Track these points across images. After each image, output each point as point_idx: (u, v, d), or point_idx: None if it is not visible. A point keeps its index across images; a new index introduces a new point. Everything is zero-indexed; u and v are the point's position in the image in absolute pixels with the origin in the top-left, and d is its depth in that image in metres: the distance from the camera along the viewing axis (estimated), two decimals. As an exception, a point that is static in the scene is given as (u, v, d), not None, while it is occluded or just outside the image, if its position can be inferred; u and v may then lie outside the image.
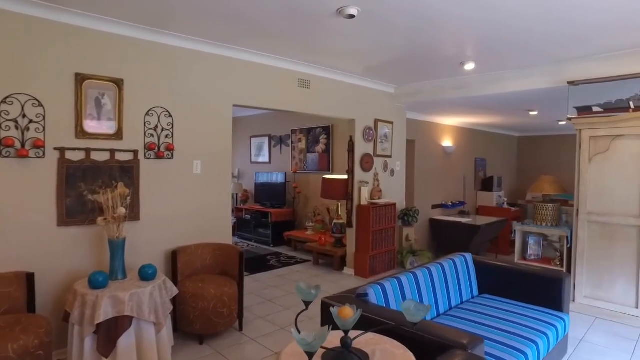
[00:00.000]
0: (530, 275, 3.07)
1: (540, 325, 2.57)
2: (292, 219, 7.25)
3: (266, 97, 4.31)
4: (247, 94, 4.14)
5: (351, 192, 5.41)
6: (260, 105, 4.28)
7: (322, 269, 5.66)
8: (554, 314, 2.76)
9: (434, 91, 5.37)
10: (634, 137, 3.72)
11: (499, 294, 3.16)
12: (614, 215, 3.82)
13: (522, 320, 2.62)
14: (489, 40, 3.62)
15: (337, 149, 6.74)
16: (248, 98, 4.15)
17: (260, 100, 4.26)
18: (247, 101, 4.15)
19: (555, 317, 2.72)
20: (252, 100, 4.20)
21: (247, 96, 4.13)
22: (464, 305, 2.93)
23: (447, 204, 7.81)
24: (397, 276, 2.65)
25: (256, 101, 4.23)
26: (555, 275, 2.94)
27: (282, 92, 4.45)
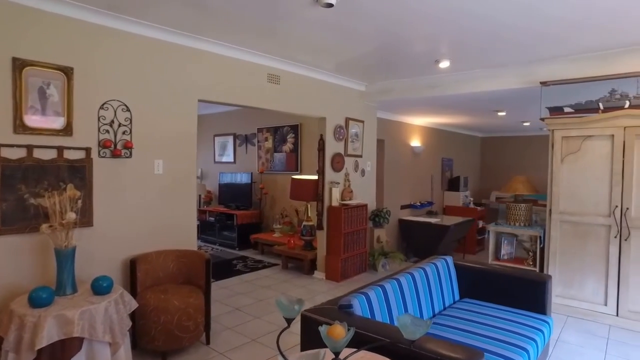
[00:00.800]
0: (511, 277, 3.00)
1: (528, 330, 2.48)
2: (259, 221, 6.97)
3: (234, 93, 4.03)
4: (214, 88, 3.84)
5: (322, 193, 5.21)
6: (227, 101, 4.00)
7: (291, 273, 5.43)
8: (538, 318, 2.69)
9: (405, 89, 5.28)
10: (604, 137, 3.76)
11: (479, 297, 3.07)
12: (585, 215, 3.86)
13: (509, 326, 2.52)
14: (465, 37, 3.55)
15: (306, 148, 6.53)
16: (214, 93, 3.86)
17: (227, 96, 3.98)
18: (213, 96, 3.85)
19: (540, 321, 2.64)
20: (219, 96, 3.91)
21: (213, 91, 3.84)
22: (447, 312, 2.80)
23: (416, 204, 7.80)
24: (380, 284, 2.47)
25: (223, 97, 3.94)
26: (537, 278, 2.88)
27: (250, 87, 4.19)
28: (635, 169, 3.63)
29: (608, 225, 3.75)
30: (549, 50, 3.87)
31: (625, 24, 3.23)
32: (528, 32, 3.42)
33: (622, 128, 3.67)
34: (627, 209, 3.65)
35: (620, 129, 3.67)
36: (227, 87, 3.96)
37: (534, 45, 3.73)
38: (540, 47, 3.77)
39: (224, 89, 3.93)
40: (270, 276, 5.30)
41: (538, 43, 3.66)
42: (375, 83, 5.55)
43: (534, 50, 3.86)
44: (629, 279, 3.67)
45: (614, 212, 3.71)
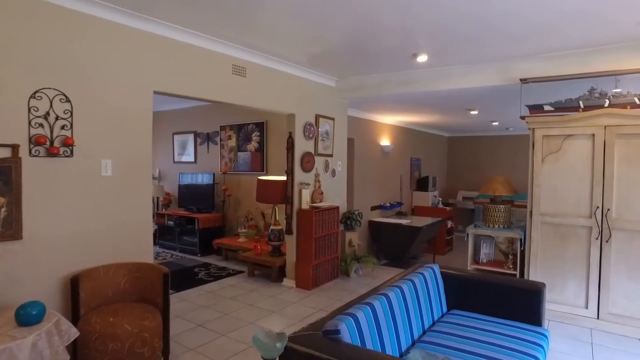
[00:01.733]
0: (502, 286, 2.79)
1: (528, 347, 2.26)
2: (222, 224, 6.51)
3: (195, 84, 3.60)
4: (173, 79, 3.41)
5: (291, 195, 4.87)
6: (188, 94, 3.56)
7: (258, 282, 5.05)
8: (535, 331, 2.49)
9: (378, 86, 5.03)
10: (584, 137, 3.67)
11: (468, 308, 2.85)
12: (567, 216, 3.75)
13: (507, 342, 2.29)
14: (444, 30, 3.36)
15: (272, 147, 6.16)
16: (173, 84, 3.42)
17: (187, 88, 3.54)
18: (172, 88, 3.41)
19: (539, 335, 2.44)
20: (179, 88, 3.47)
21: (172, 82, 3.41)
22: (438, 327, 2.54)
23: (386, 205, 7.61)
24: (368, 302, 2.16)
25: (183, 88, 3.51)
26: (531, 287, 2.69)
27: (213, 79, 3.78)
28: (616, 169, 3.54)
29: (589, 227, 3.66)
30: (529, 47, 3.73)
31: (602, 23, 3.15)
32: (508, 29, 3.29)
33: (602, 127, 3.58)
34: (608, 210, 3.56)
35: (601, 128, 3.58)
36: (187, 79, 3.53)
37: (514, 42, 3.59)
38: (520, 43, 3.63)
39: (183, 81, 3.50)
40: (235, 285, 4.89)
41: (518, 39, 3.53)
42: (346, 78, 5.26)
43: (514, 46, 3.71)
44: (610, 280, 3.59)
45: (595, 213, 3.62)
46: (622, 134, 3.51)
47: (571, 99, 3.81)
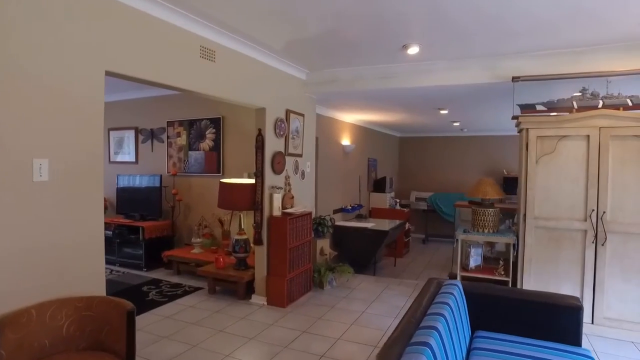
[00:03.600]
0: (533, 303, 2.50)
1: None
2: (172, 234, 5.71)
3: (158, 66, 2.92)
4: (129, 57, 2.70)
5: (260, 201, 4.29)
6: (147, 77, 2.86)
7: (222, 300, 4.39)
8: (580, 353, 2.21)
9: (354, 80, 4.63)
10: (579, 138, 3.55)
11: (494, 329, 2.53)
12: (561, 220, 3.62)
13: None
14: (438, 20, 3.10)
15: (230, 145, 5.51)
16: (131, 64, 2.72)
17: (149, 70, 2.85)
18: (129, 68, 2.71)
19: (584, 357, 2.17)
20: (138, 69, 2.77)
21: (129, 61, 2.70)
22: (476, 356, 2.18)
23: (347, 207, 7.27)
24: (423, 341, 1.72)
25: (143, 71, 2.81)
26: (568, 304, 2.42)
27: (179, 61, 3.11)
28: (611, 171, 3.47)
29: (584, 230, 3.55)
30: (520, 44, 3.56)
31: (596, 22, 3.06)
32: (502, 21, 3.08)
33: (597, 128, 3.48)
34: (603, 213, 3.48)
35: (596, 129, 3.48)
36: (148, 58, 2.84)
37: (506, 37, 3.40)
38: (512, 39, 3.44)
39: (144, 61, 2.80)
40: (197, 306, 4.19)
41: (510, 35, 3.35)
42: (318, 71, 4.79)
43: (505, 42, 3.53)
44: (604, 284, 3.51)
45: (590, 216, 3.52)
46: (616, 135, 3.44)
47: (563, 99, 3.69)
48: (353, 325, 3.79)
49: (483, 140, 9.31)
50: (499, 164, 9.16)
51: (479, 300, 2.60)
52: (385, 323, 3.84)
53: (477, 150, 9.40)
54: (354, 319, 3.92)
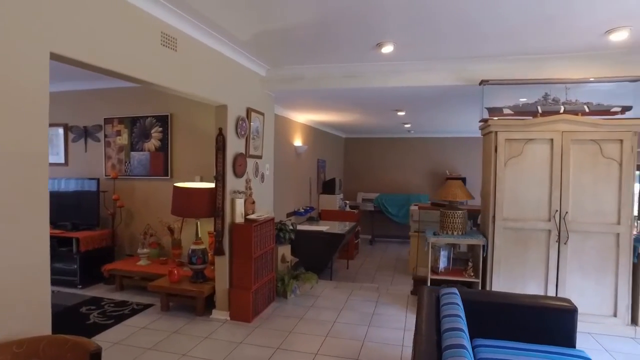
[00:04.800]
0: (529, 307, 2.49)
1: None
2: (111, 244, 5.07)
3: (113, 52, 2.48)
4: (79, 39, 2.25)
5: (221, 206, 3.92)
6: (100, 64, 2.41)
7: (179, 317, 3.95)
8: (578, 355, 2.22)
9: (319, 78, 4.44)
10: (544, 141, 3.69)
11: (491, 335, 2.48)
12: (527, 221, 3.74)
13: None
14: (412, 19, 3.02)
15: (179, 146, 5.03)
16: (80, 48, 2.26)
17: (101, 55, 2.41)
18: (79, 52, 2.25)
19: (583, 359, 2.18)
20: (88, 52, 2.32)
21: (78, 43, 2.25)
22: (486, 369, 2.09)
23: (300, 210, 7.05)
24: None
25: (94, 56, 2.36)
26: (564, 307, 2.44)
27: (138, 47, 2.69)
28: (572, 174, 3.64)
29: (548, 230, 3.70)
30: (489, 48, 3.61)
31: (557, 32, 3.20)
32: (475, 26, 3.11)
33: (560, 132, 3.64)
34: (566, 213, 3.64)
35: (559, 133, 3.64)
36: (102, 41, 2.40)
37: (477, 41, 3.43)
38: (482, 43, 3.48)
39: (97, 44, 2.36)
40: (150, 327, 3.72)
41: (481, 39, 3.38)
42: (279, 67, 4.52)
43: (476, 46, 3.55)
44: (566, 281, 3.69)
45: (554, 217, 3.67)
46: (576, 139, 3.62)
47: (528, 103, 3.81)
48: (328, 337, 3.59)
49: (428, 142, 9.61)
50: (442, 165, 9.52)
51: (473, 306, 2.53)
52: (359, 332, 3.69)
53: (422, 151, 9.69)
54: (327, 330, 3.73)
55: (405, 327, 3.83)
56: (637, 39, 3.29)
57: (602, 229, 3.61)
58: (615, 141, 3.57)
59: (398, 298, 4.71)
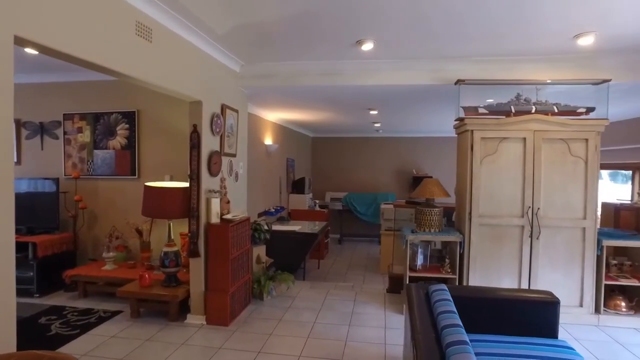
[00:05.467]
0: (513, 301, 2.55)
1: None
2: (73, 249, 4.74)
3: (83, 39, 2.30)
4: (45, 22, 2.07)
5: (196, 206, 3.77)
6: (70, 51, 2.22)
7: (151, 324, 3.75)
8: (565, 346, 2.30)
9: (294, 75, 4.37)
10: (517, 140, 3.82)
11: (478, 330, 2.51)
12: (502, 217, 3.85)
13: None
14: (390, 18, 3.02)
15: (147, 144, 4.79)
16: (46, 31, 2.08)
17: (71, 42, 2.22)
18: (43, 36, 2.06)
19: (570, 350, 2.26)
20: (57, 38, 2.14)
21: (44, 27, 2.06)
22: None
23: (270, 210, 6.93)
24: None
25: (65, 42, 2.18)
26: (546, 299, 2.51)
27: (110, 36, 2.51)
28: (543, 171, 3.79)
29: (522, 226, 3.83)
30: (465, 49, 3.69)
31: (531, 35, 3.31)
32: (460, 26, 3.16)
33: (532, 132, 3.78)
34: (538, 209, 3.78)
35: (531, 132, 3.78)
36: (71, 27, 2.21)
37: (457, 41, 3.49)
38: (462, 43, 3.54)
39: (65, 29, 2.18)
40: (120, 335, 3.50)
41: (461, 39, 3.44)
42: (254, 64, 4.41)
43: (455, 46, 3.61)
44: (538, 275, 3.83)
45: (527, 213, 3.80)
46: (547, 138, 3.77)
47: (502, 103, 3.93)
48: (309, 338, 3.53)
49: (396, 142, 9.75)
50: (409, 164, 9.70)
51: (461, 302, 2.55)
52: (341, 332, 3.66)
53: (390, 151, 9.82)
54: (308, 332, 3.66)
55: (385, 325, 3.83)
56: (601, 44, 3.47)
57: (570, 223, 3.78)
58: (581, 140, 3.75)
59: (375, 296, 4.72)
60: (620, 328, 3.79)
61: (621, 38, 3.35)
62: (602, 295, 3.83)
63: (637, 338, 3.61)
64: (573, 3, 2.72)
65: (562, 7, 2.79)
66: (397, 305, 4.37)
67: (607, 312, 3.87)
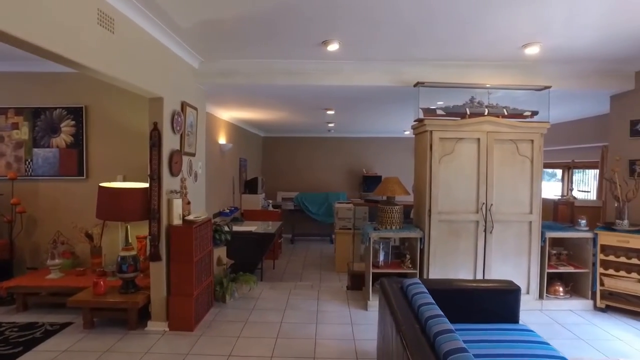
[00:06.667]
0: (479, 291, 2.73)
1: (537, 348, 2.23)
2: (9, 257, 4.30)
3: (40, 25, 2.12)
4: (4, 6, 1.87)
5: (157, 208, 3.59)
6: (23, 36, 2.02)
7: (108, 334, 3.51)
8: (524, 329, 2.50)
9: (257, 74, 4.32)
10: (472, 140, 4.06)
11: (451, 320, 2.63)
12: (459, 213, 4.07)
13: (523, 349, 2.22)
14: (354, 19, 3.09)
15: (96, 142, 4.47)
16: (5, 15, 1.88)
17: (28, 29, 2.03)
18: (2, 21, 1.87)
19: (531, 332, 2.46)
20: (13, 23, 1.94)
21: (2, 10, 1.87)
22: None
23: (225, 211, 6.77)
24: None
25: (19, 27, 1.99)
26: (508, 288, 2.70)
27: (70, 24, 2.33)
28: (495, 170, 4.07)
29: (477, 221, 4.08)
30: (426, 52, 3.87)
31: (486, 41, 3.54)
32: (425, 29, 3.30)
33: (485, 133, 4.04)
34: (491, 205, 4.05)
35: (484, 133, 4.04)
36: (28, 13, 2.02)
37: (419, 44, 3.64)
38: (423, 47, 3.71)
39: (20, 15, 1.99)
40: (73, 349, 3.23)
41: (423, 42, 3.60)
42: (214, 61, 4.29)
43: (416, 49, 3.77)
44: (491, 267, 4.11)
45: (481, 209, 4.06)
46: (498, 139, 4.06)
47: (458, 105, 4.16)
48: (279, 338, 3.50)
49: (346, 142, 9.93)
50: (360, 163, 9.93)
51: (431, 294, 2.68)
52: (309, 331, 3.67)
53: (340, 151, 9.98)
54: (277, 332, 3.63)
55: (352, 321, 3.90)
56: (545, 53, 3.81)
57: (519, 218, 4.10)
58: (527, 141, 4.08)
59: (336, 294, 4.78)
60: (560, 310, 4.18)
61: (560, 49, 3.70)
62: (544, 283, 4.20)
63: (573, 318, 4.00)
64: (523, 15, 2.96)
65: (513, 18, 3.02)
66: (360, 302, 4.46)
67: (548, 297, 4.25)
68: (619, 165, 4.24)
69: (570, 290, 4.35)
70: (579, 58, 3.95)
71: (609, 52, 3.78)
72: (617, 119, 4.52)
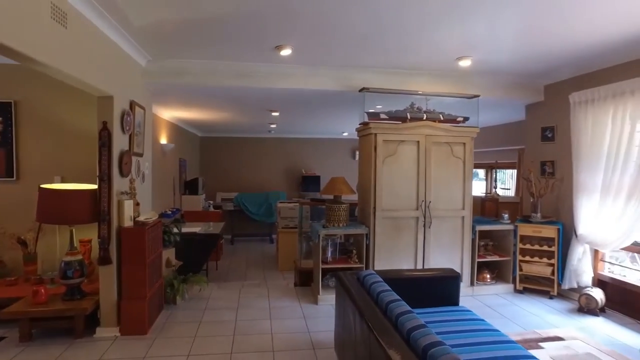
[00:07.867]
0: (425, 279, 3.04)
1: (477, 324, 2.58)
2: None
3: None
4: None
5: (107, 210, 3.48)
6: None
7: (51, 345, 3.32)
8: (463, 309, 2.85)
9: (206, 74, 4.33)
10: (412, 143, 4.42)
11: (403, 306, 2.92)
12: (401, 210, 4.41)
13: (464, 326, 2.55)
14: (317, 27, 3.28)
15: (28, 141, 4.17)
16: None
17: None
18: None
19: (468, 311, 2.82)
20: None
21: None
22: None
23: (167, 212, 6.57)
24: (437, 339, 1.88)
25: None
26: (450, 275, 3.04)
27: (22, 16, 2.24)
28: (433, 170, 4.47)
29: (417, 217, 4.45)
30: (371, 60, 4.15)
31: (424, 53, 3.88)
32: (359, 37, 3.48)
33: (424, 136, 4.43)
34: (429, 202, 4.45)
35: (423, 136, 4.42)
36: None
37: (365, 52, 3.89)
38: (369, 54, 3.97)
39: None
40: (15, 362, 3.03)
41: (369, 50, 3.84)
42: (162, 60, 4.23)
43: (361, 56, 4.03)
44: (430, 259, 4.50)
45: (420, 206, 4.44)
46: (435, 142, 4.47)
47: (399, 110, 4.51)
48: (236, 335, 3.57)
49: (285, 142, 10.06)
50: (299, 164, 10.11)
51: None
52: (265, 327, 3.77)
53: (279, 151, 10.09)
54: (233, 330, 3.69)
55: (304, 315, 4.07)
56: (475, 66, 4.28)
57: (453, 214, 4.54)
58: (460, 144, 4.54)
59: (285, 291, 4.92)
60: (488, 295, 4.71)
61: (487, 63, 4.19)
62: (475, 271, 4.69)
63: (499, 300, 4.54)
64: (456, 32, 3.33)
65: (448, 34, 3.37)
66: (309, 297, 4.64)
67: (478, 284, 4.75)
68: (534, 166, 4.87)
69: (496, 277, 4.90)
70: (501, 71, 4.49)
71: (524, 68, 4.36)
72: (530, 125, 5.19)
